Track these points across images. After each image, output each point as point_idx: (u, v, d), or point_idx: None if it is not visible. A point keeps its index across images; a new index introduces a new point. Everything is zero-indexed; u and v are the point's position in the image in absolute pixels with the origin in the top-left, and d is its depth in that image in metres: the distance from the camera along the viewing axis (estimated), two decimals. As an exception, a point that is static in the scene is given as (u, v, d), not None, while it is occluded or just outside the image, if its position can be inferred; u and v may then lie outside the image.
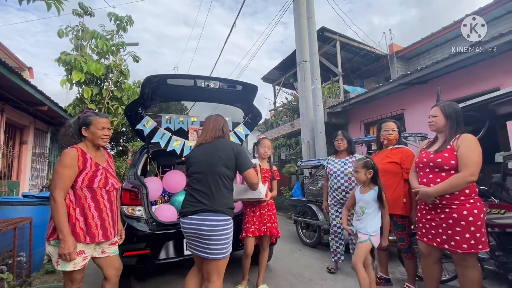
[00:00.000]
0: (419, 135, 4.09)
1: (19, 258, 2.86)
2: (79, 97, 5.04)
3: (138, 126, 2.70)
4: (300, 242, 4.31)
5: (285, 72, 10.86)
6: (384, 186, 2.46)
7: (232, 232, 1.77)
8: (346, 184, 2.94)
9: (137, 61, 5.53)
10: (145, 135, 2.72)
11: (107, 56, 5.32)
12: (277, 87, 12.07)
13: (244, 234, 2.49)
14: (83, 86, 5.00)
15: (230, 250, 1.74)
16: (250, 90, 2.84)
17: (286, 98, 9.60)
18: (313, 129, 6.55)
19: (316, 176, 4.55)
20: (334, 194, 3.05)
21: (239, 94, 2.88)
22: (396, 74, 8.09)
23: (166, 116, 2.82)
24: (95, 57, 5.12)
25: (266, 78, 12.24)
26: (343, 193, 2.94)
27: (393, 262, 3.09)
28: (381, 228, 2.26)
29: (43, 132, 6.23)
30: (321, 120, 6.37)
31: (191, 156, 1.88)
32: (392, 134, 2.63)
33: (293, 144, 8.25)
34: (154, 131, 2.83)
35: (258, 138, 2.83)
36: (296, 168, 6.75)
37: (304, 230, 4.33)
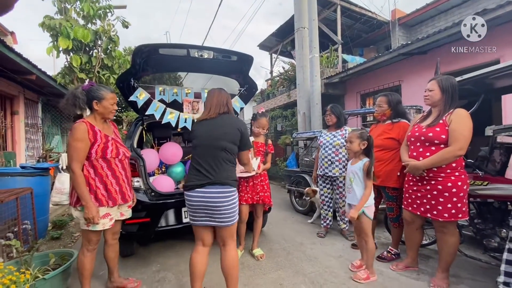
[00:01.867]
0: (414, 107, 4.10)
1: (24, 226, 2.97)
2: (67, 65, 4.82)
3: (131, 98, 2.65)
4: (293, 209, 4.53)
5: (282, 39, 10.42)
6: (380, 160, 2.55)
7: (238, 200, 1.87)
8: (332, 154, 3.07)
9: (127, 27, 5.21)
10: (138, 107, 2.68)
11: (94, 21, 5.00)
12: (274, 55, 11.66)
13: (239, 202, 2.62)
14: (71, 54, 4.76)
15: (237, 216, 1.85)
16: (245, 60, 2.76)
17: (283, 68, 9.34)
18: (309, 100, 6.49)
19: (311, 147, 4.63)
20: (321, 163, 3.18)
21: (234, 65, 2.80)
22: (397, 43, 7.83)
23: (160, 87, 2.75)
24: (81, 21, 4.81)
25: (263, 46, 11.75)
26: (329, 162, 3.08)
27: (380, 228, 3.30)
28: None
29: (34, 102, 6.08)
30: (318, 91, 6.29)
31: (195, 130, 1.88)
32: (378, 110, 2.65)
33: (289, 115, 8.22)
34: (148, 103, 2.79)
35: (256, 111, 2.81)
36: (291, 139, 6.81)
37: (297, 199, 4.53)
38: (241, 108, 3.17)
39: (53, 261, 2.31)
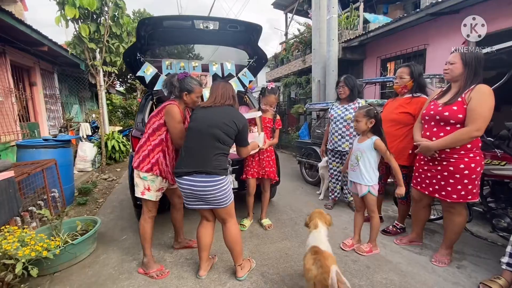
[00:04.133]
0: (437, 76, 3.80)
1: (52, 194, 3.26)
2: (76, 35, 4.77)
3: (139, 73, 2.63)
4: (303, 180, 4.61)
5: (299, -3, 9.60)
6: (393, 136, 2.46)
7: (230, 185, 1.88)
8: (344, 129, 3.01)
9: None
10: (146, 82, 2.67)
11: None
12: (289, 15, 10.86)
13: (244, 176, 2.73)
14: (80, 23, 4.68)
15: (232, 198, 1.88)
16: (253, 30, 2.59)
17: (298, 30, 8.73)
18: (325, 66, 6.16)
19: (324, 119, 4.52)
20: (331, 138, 3.14)
21: (242, 35, 2.65)
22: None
23: (167, 61, 2.69)
24: (86, -13, 4.61)
25: (277, 4, 10.94)
26: (339, 137, 3.03)
27: (388, 200, 3.33)
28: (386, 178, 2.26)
29: (50, 72, 6.18)
30: (335, 56, 5.92)
31: (195, 113, 1.88)
32: (398, 82, 2.48)
33: (303, 82, 7.90)
34: (156, 77, 2.77)
35: (266, 86, 2.72)
36: (304, 109, 6.64)
37: (307, 170, 4.57)
38: (250, 81, 3.08)
39: (80, 227, 2.56)
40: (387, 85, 5.37)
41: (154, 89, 2.71)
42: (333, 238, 2.56)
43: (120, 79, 12.47)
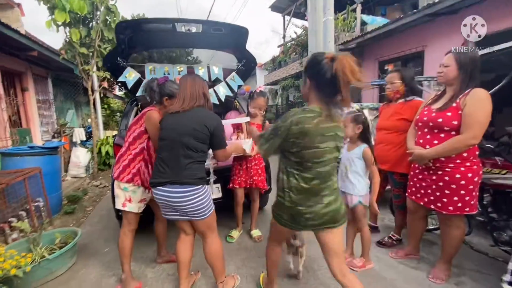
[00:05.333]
0: (436, 79, 3.67)
1: (36, 204, 3.16)
2: (67, 40, 4.70)
3: (120, 79, 2.53)
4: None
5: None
6: (390, 143, 2.34)
7: (209, 196, 1.75)
8: None
9: None
10: (128, 88, 2.57)
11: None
12: (287, 18, 10.80)
13: (231, 185, 2.61)
14: (70, 28, 4.61)
15: (212, 209, 1.75)
16: (239, 33, 2.49)
17: (295, 32, 8.67)
18: (321, 69, 6.04)
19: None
20: None
21: (228, 38, 2.54)
22: (425, 0, 6.89)
23: (150, 66, 2.59)
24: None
25: (275, 7, 10.88)
26: None
27: (384, 209, 3.18)
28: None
29: (43, 77, 6.13)
30: (331, 59, 5.80)
31: (164, 121, 1.74)
32: (389, 88, 2.37)
33: (301, 85, 7.81)
34: (140, 82, 2.66)
35: (254, 89, 2.61)
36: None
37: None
38: (239, 86, 2.97)
39: (59, 240, 2.44)
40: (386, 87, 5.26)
41: (137, 94, 2.60)
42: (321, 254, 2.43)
43: (119, 84, 12.44)
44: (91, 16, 4.80)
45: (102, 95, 9.20)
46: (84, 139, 6.68)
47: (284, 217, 1.44)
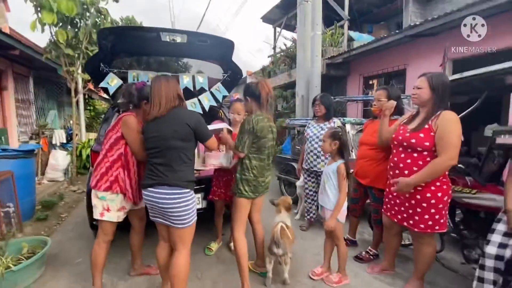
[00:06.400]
0: (415, 97, 3.82)
1: (6, 209, 3.01)
2: (53, 40, 4.58)
3: (102, 84, 2.48)
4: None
5: (287, 12, 9.74)
6: (372, 159, 2.41)
7: (194, 204, 1.77)
8: (319, 148, 2.94)
9: (117, 1, 4.85)
10: (110, 94, 2.53)
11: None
12: (278, 29, 11.01)
13: (210, 196, 2.59)
14: (57, 28, 4.49)
15: (194, 220, 1.77)
16: (225, 45, 2.52)
17: (285, 44, 8.83)
18: (308, 82, 6.17)
19: (304, 135, 4.45)
20: (306, 157, 3.06)
21: (213, 49, 2.56)
22: (409, 20, 7.19)
23: (133, 73, 2.56)
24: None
25: (266, 18, 11.05)
26: (314, 156, 2.95)
27: (363, 223, 3.22)
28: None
29: (24, 76, 5.92)
30: (318, 72, 5.94)
31: (146, 131, 1.74)
32: (376, 104, 2.44)
33: (289, 96, 7.92)
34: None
35: (231, 99, 2.63)
36: (287, 123, 6.60)
37: (286, 187, 4.46)
38: (224, 96, 2.98)
39: (27, 250, 2.32)
40: (370, 102, 5.41)
41: (118, 101, 2.55)
42: (303, 267, 2.43)
43: (101, 89, 12.14)
44: (80, 17, 4.71)
45: (87, 97, 8.98)
46: (65, 141, 6.46)
47: (247, 189, 1.98)
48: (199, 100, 2.83)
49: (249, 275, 2.17)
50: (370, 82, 6.59)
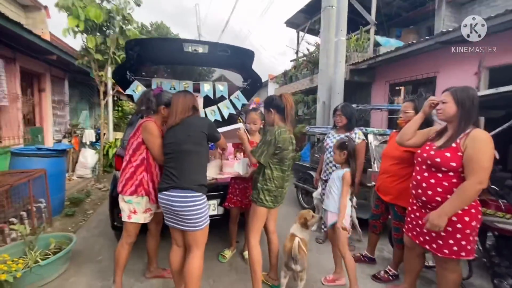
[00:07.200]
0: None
1: (38, 204, 3.23)
2: (84, 47, 4.90)
3: (128, 92, 2.61)
4: (298, 205, 4.41)
5: (311, 16, 9.65)
6: (394, 175, 2.31)
7: (206, 208, 1.85)
8: None
9: (139, 5, 5.09)
10: (135, 101, 2.63)
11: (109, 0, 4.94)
12: (302, 34, 10.92)
13: (226, 203, 2.61)
14: (87, 34, 4.80)
15: (206, 223, 1.85)
16: (245, 55, 2.54)
17: (308, 49, 8.73)
18: (330, 88, 6.04)
19: (323, 143, 4.36)
20: (325, 168, 2.98)
21: (234, 59, 2.60)
22: (441, 24, 6.83)
23: (157, 80, 2.66)
24: (97, 0, 4.76)
25: (290, 23, 11.01)
26: (334, 168, 2.85)
27: (384, 239, 3.08)
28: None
29: (60, 79, 6.36)
30: (341, 79, 5.79)
31: (165, 138, 1.90)
32: (402, 117, 2.33)
33: (310, 101, 7.81)
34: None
35: (249, 106, 2.65)
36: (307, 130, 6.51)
37: (303, 195, 4.38)
38: (243, 105, 3.00)
39: (53, 246, 2.48)
40: (396, 111, 5.18)
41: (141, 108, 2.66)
42: (316, 283, 2.36)
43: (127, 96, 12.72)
44: (107, 24, 4.99)
45: (115, 98, 9.47)
46: (94, 140, 6.84)
47: (268, 199, 2.01)
48: (218, 108, 2.88)
49: (262, 286, 2.16)
50: (397, 88, 6.31)
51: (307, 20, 9.96)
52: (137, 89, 2.60)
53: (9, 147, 4.34)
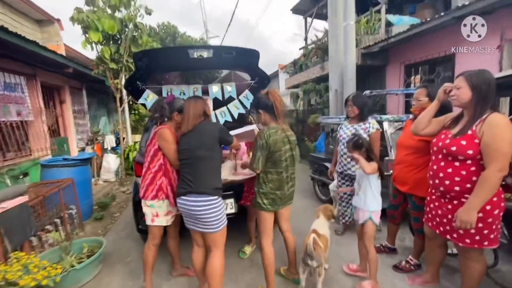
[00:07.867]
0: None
1: (70, 211, 3.47)
2: (99, 57, 5.08)
3: (140, 101, 2.70)
4: (316, 198, 4.41)
5: (318, 1, 9.34)
6: (411, 165, 2.26)
7: (223, 210, 1.92)
8: None
9: (150, 14, 5.18)
10: (147, 109, 2.73)
11: (120, 9, 5.05)
12: (309, 20, 10.61)
13: (242, 201, 2.67)
14: (102, 45, 4.96)
15: (223, 225, 1.93)
16: (251, 55, 2.55)
17: (316, 36, 8.49)
18: (342, 75, 5.89)
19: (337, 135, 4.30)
20: (340, 160, 2.95)
21: (240, 60, 2.60)
22: (458, -3, 6.39)
23: (167, 87, 2.74)
24: (108, 10, 4.88)
25: (296, 9, 10.71)
26: (348, 159, 2.82)
27: (404, 228, 3.04)
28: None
29: (78, 89, 6.66)
30: (352, 65, 5.62)
31: (179, 144, 1.98)
32: (415, 104, 2.25)
33: (322, 90, 7.64)
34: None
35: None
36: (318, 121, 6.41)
37: (320, 187, 4.37)
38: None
39: (86, 250, 2.67)
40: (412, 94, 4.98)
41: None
42: (336, 275, 2.40)
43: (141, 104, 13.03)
44: (120, 33, 5.12)
45: (131, 102, 9.79)
46: (114, 145, 7.15)
47: (266, 202, 1.99)
48: (228, 108, 2.91)
49: (282, 282, 2.23)
50: (419, 69, 6.02)
51: (314, 5, 9.65)
52: (148, 97, 2.69)
53: (39, 159, 4.66)
